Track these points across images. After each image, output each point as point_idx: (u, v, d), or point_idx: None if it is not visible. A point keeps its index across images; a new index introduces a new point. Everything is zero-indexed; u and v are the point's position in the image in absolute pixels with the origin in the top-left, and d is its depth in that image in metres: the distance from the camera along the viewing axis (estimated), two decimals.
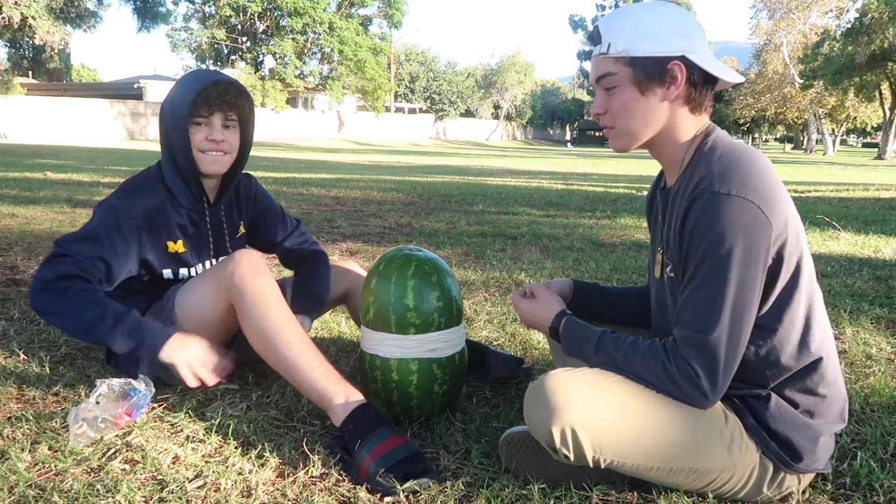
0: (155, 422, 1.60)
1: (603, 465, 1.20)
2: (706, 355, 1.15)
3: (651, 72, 1.21)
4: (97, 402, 1.52)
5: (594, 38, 1.26)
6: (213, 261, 1.90)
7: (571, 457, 1.18)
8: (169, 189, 1.77)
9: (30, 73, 37.41)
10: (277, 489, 1.33)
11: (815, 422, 1.22)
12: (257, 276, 1.61)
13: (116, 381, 1.58)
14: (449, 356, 1.58)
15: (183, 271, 1.84)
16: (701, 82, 1.22)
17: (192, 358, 1.60)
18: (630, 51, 1.20)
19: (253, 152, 1.94)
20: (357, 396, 1.48)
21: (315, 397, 1.51)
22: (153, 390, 1.61)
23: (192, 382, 1.61)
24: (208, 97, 1.70)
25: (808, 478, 1.29)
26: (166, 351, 1.58)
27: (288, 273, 2.32)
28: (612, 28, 1.23)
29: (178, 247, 1.80)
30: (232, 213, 1.95)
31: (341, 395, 1.47)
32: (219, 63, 35.60)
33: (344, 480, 1.36)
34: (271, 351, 1.55)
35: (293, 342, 1.54)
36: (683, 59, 1.19)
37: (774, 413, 1.21)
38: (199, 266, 1.87)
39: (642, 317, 1.58)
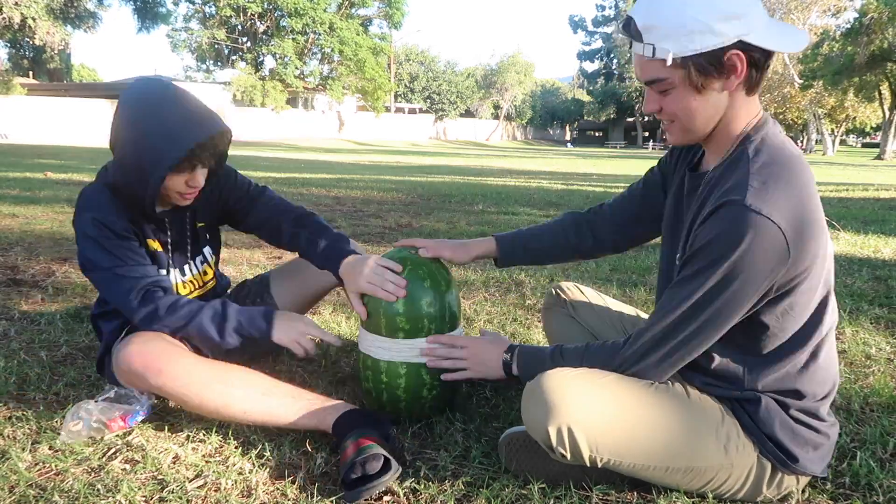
0: (155, 422, 1.60)
1: (600, 465, 1.20)
2: (653, 341, 1.19)
3: (707, 69, 1.09)
4: (97, 403, 1.52)
5: (631, 33, 1.12)
6: (191, 263, 1.79)
7: (568, 456, 1.18)
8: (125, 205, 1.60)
9: (30, 73, 37.39)
10: (277, 489, 1.33)
11: (808, 426, 1.22)
12: (157, 373, 1.46)
13: (124, 389, 1.58)
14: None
15: (162, 272, 1.71)
16: (763, 60, 1.11)
17: (298, 334, 1.57)
18: (679, 53, 1.07)
19: (253, 152, 1.96)
20: (327, 419, 1.48)
21: (305, 428, 1.52)
22: (155, 402, 1.61)
23: (302, 353, 1.57)
24: (197, 155, 1.51)
25: (806, 477, 1.29)
26: (277, 335, 1.56)
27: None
28: (653, 25, 1.09)
29: (156, 245, 1.69)
30: (195, 213, 1.79)
31: (321, 421, 1.48)
32: (219, 63, 35.60)
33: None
34: (239, 419, 1.51)
35: (248, 409, 1.48)
36: (741, 43, 1.07)
37: (765, 416, 1.21)
38: (176, 270, 1.74)
39: (578, 242, 1.61)
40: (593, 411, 1.17)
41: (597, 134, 67.97)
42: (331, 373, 1.97)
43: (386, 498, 1.30)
